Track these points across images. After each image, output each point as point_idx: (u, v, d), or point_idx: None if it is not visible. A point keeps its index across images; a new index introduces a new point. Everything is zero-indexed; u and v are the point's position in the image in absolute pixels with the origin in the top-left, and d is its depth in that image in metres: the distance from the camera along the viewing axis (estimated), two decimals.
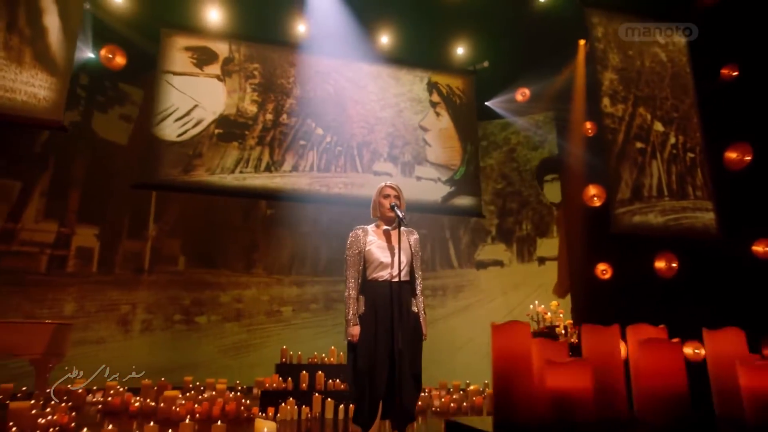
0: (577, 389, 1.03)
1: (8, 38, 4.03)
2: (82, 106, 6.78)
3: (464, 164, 6.84)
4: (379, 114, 6.79)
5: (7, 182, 6.22)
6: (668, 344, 1.17)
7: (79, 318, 6.28)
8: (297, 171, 6.32)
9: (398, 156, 6.76)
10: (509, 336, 1.17)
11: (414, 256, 3.01)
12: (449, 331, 7.48)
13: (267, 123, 6.37)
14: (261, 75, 6.43)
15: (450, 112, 6.98)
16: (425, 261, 7.91)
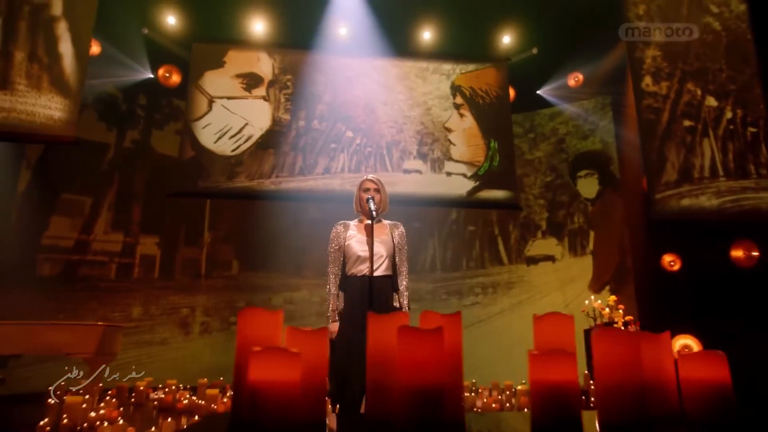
0: None
1: (29, 67, 4.55)
2: (142, 124, 7.47)
3: (488, 160, 6.83)
4: (407, 113, 6.96)
5: (80, 198, 6.98)
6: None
7: (144, 321, 6.90)
8: (329, 173, 6.60)
9: (427, 153, 6.87)
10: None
11: (398, 250, 2.99)
12: (501, 329, 7.38)
13: (300, 129, 6.73)
14: (293, 85, 6.85)
15: (473, 112, 7.02)
16: (474, 258, 7.87)
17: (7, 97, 4.40)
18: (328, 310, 2.84)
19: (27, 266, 6.54)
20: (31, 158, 6.74)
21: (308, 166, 6.51)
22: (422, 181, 6.70)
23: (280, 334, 1.11)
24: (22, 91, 4.46)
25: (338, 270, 2.95)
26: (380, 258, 2.92)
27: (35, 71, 4.52)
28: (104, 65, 7.06)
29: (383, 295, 2.83)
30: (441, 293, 7.73)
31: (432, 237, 8.04)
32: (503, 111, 7.14)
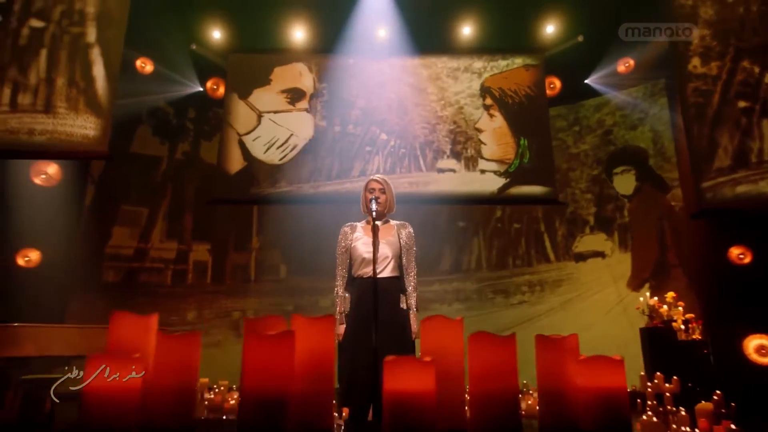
0: None
1: (69, 91, 4.93)
2: (191, 137, 7.90)
3: (518, 158, 6.78)
4: (440, 113, 7.01)
5: (138, 209, 7.49)
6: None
7: (199, 324, 7.27)
8: (364, 175, 6.73)
9: (461, 152, 6.89)
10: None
11: (405, 250, 2.97)
12: (550, 328, 7.20)
13: (335, 135, 6.93)
14: (328, 93, 7.08)
15: (503, 112, 6.98)
16: (520, 256, 7.75)
17: (50, 120, 4.81)
18: (336, 313, 2.84)
19: (94, 274, 7.09)
20: (95, 174, 7.30)
21: (345, 169, 6.70)
22: (456, 179, 6.74)
23: (153, 338, 1.13)
24: (63, 114, 4.86)
25: (345, 272, 2.95)
26: (386, 259, 2.90)
27: (73, 95, 4.91)
28: (156, 82, 7.50)
29: (389, 296, 2.79)
30: (487, 293, 7.65)
31: (477, 236, 7.98)
32: (536, 108, 7.06)
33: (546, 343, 1.36)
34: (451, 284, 7.77)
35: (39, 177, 6.63)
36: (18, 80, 4.83)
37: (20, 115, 4.79)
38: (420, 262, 7.71)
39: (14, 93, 4.82)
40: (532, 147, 6.77)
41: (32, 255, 6.55)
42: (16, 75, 4.83)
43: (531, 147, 6.77)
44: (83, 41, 5.08)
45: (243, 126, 6.79)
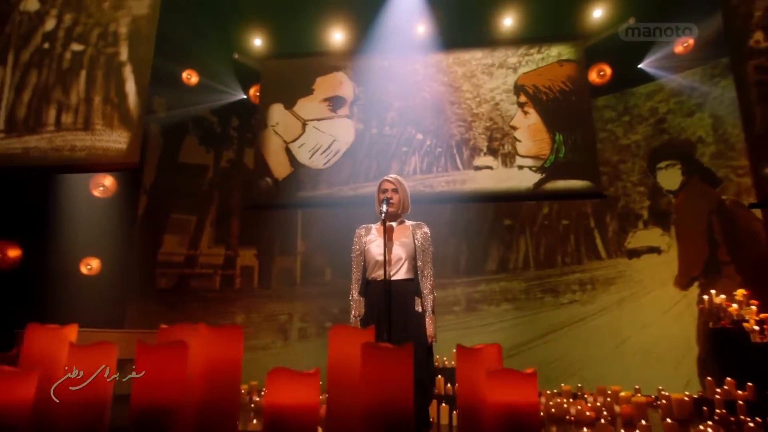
0: None
1: (104, 108, 5.24)
2: (235, 144, 8.16)
3: (553, 153, 6.64)
4: (475, 111, 6.96)
5: (187, 217, 7.84)
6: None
7: (247, 327, 7.47)
8: (402, 176, 6.66)
9: (498, 148, 6.80)
10: None
11: (420, 251, 2.89)
12: (602, 328, 6.98)
13: (372, 137, 7.02)
14: (365, 96, 7.19)
15: (537, 108, 6.86)
16: (569, 253, 7.54)
17: (88, 136, 5.14)
18: (350, 318, 2.84)
19: (148, 280, 7.47)
20: (147, 184, 7.69)
21: (382, 170, 6.73)
22: (494, 176, 6.66)
23: (65, 351, 1.11)
24: (99, 130, 5.17)
25: (360, 275, 2.93)
26: (399, 261, 2.85)
27: (108, 111, 5.21)
28: (202, 93, 7.85)
29: (403, 299, 2.74)
30: (536, 292, 7.50)
31: (523, 234, 7.83)
32: (572, 102, 6.88)
33: (464, 354, 1.32)
34: (498, 284, 7.67)
35: (97, 189, 7.09)
36: (61, 101, 5.20)
37: (63, 133, 5.15)
38: (466, 263, 7.88)
39: (58, 113, 5.19)
40: (567, 142, 6.62)
41: (93, 263, 7.01)
42: (60, 96, 5.20)
43: (566, 142, 6.62)
44: (117, 60, 5.41)
45: (289, 134, 7.05)
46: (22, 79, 5.11)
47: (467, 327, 7.55)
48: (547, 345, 7.08)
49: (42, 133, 5.02)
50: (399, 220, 3.03)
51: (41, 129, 5.02)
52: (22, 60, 5.20)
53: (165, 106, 7.92)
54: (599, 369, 6.68)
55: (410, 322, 2.71)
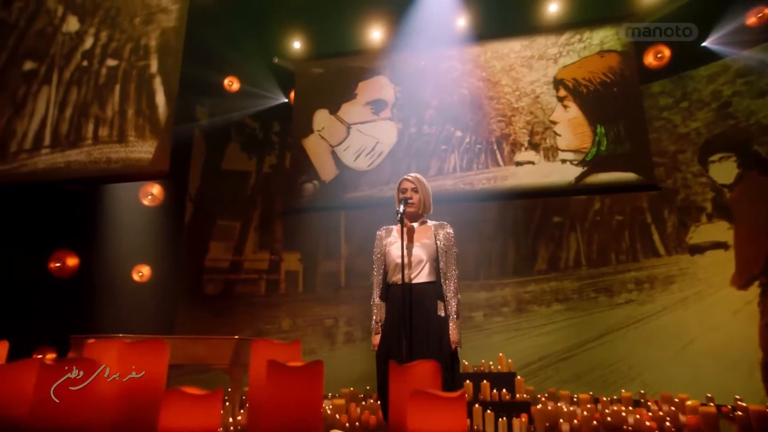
0: None
1: (137, 120, 5.44)
2: (277, 149, 8.30)
3: (594, 146, 6.44)
4: (515, 105, 6.83)
5: (232, 223, 8.03)
6: None
7: (293, 332, 7.61)
8: (441, 174, 6.72)
9: (539, 143, 6.62)
10: None
11: (443, 252, 2.78)
12: (663, 330, 6.62)
13: (411, 136, 7.00)
14: (403, 95, 7.20)
15: (577, 102, 6.67)
16: (624, 250, 7.21)
17: (122, 148, 5.37)
18: (372, 323, 2.79)
19: (196, 286, 7.70)
20: (192, 192, 7.94)
21: (422, 169, 6.70)
22: (536, 171, 6.50)
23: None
24: (133, 141, 5.38)
25: (381, 278, 2.84)
26: (420, 263, 2.74)
27: (140, 123, 5.42)
28: (243, 98, 8.02)
29: (424, 303, 2.65)
30: (588, 291, 7.22)
31: (573, 231, 7.58)
32: (616, 93, 6.64)
33: (396, 372, 1.19)
34: (548, 284, 7.46)
35: (146, 198, 7.38)
36: (98, 115, 5.47)
37: (100, 146, 5.40)
38: (514, 263, 7.68)
39: (96, 127, 5.45)
40: (609, 134, 6.40)
41: (144, 270, 7.29)
42: (97, 111, 5.47)
43: (608, 134, 6.40)
44: (148, 73, 5.61)
45: (334, 138, 7.18)
46: (65, 96, 5.41)
47: (517, 329, 7.38)
48: (602, 347, 6.81)
49: (81, 147, 5.30)
50: (420, 220, 2.92)
51: (81, 143, 5.30)
52: (64, 78, 5.52)
53: (207, 114, 8.16)
54: (662, 373, 6.34)
55: (432, 327, 2.62)
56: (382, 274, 2.85)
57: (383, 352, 2.67)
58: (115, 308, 6.57)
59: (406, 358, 2.47)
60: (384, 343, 2.69)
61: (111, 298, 6.61)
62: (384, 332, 2.73)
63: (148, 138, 5.20)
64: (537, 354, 7.04)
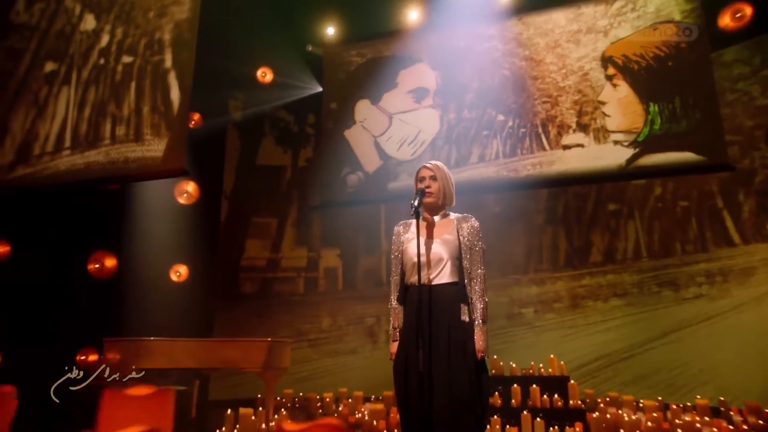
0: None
1: (152, 117, 5.31)
2: (312, 142, 8.16)
3: (647, 125, 5.95)
4: (561, 84, 6.40)
5: (268, 220, 7.94)
6: None
7: (333, 332, 7.49)
8: (483, 161, 6.40)
9: (588, 123, 6.15)
10: None
11: (467, 249, 2.52)
12: (741, 329, 6.04)
13: (451, 122, 6.69)
14: (442, 80, 6.94)
15: (628, 80, 6.21)
16: (691, 240, 6.64)
17: (140, 147, 5.27)
18: (389, 327, 2.61)
19: (233, 286, 7.67)
20: (227, 190, 7.90)
21: (462, 156, 6.48)
22: (585, 155, 6.08)
23: None
24: (149, 140, 5.27)
25: (399, 278, 2.63)
26: (440, 262, 2.49)
27: (156, 120, 5.30)
28: (277, 90, 7.86)
29: (446, 307, 2.42)
30: (650, 285, 6.75)
31: (632, 218, 7.11)
32: (671, 67, 6.07)
33: None
34: (604, 277, 7.05)
35: (182, 196, 7.36)
36: (115, 114, 5.41)
37: (118, 146, 5.34)
38: (567, 255, 7.24)
39: (113, 126, 5.40)
40: (664, 112, 5.93)
41: (182, 270, 7.29)
42: (114, 110, 5.43)
43: (662, 112, 5.94)
44: (162, 68, 5.51)
45: (377, 128, 7.08)
46: (83, 96, 5.42)
47: (571, 326, 7.01)
48: (668, 347, 6.32)
49: (100, 147, 5.29)
50: (442, 213, 2.66)
51: (99, 143, 5.30)
52: (83, 78, 5.53)
53: (241, 107, 8.06)
54: (740, 378, 5.75)
55: (454, 334, 2.40)
56: (400, 274, 2.62)
57: (401, 362, 2.46)
58: (155, 308, 6.53)
59: (425, 370, 2.29)
60: (402, 352, 2.48)
61: (150, 299, 6.60)
62: (402, 340, 2.51)
63: (164, 135, 5.16)
64: (594, 354, 6.67)
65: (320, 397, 6.13)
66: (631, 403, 5.01)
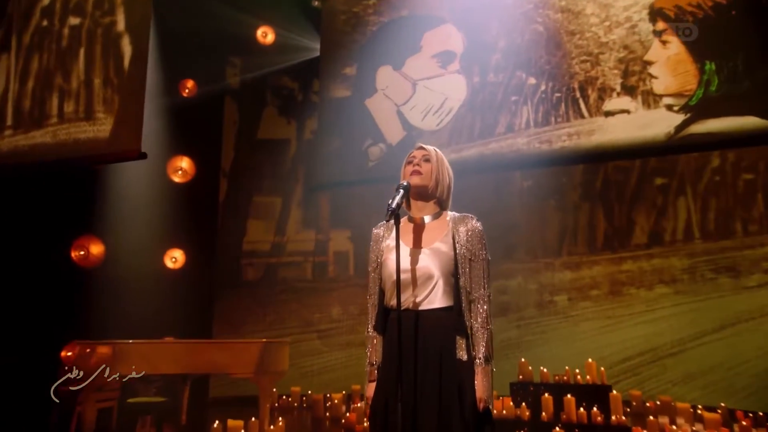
0: None
1: (105, 92, 4.85)
2: (318, 113, 7.52)
3: (702, 86, 5.39)
4: (603, 39, 5.82)
5: (271, 199, 7.51)
6: None
7: (344, 321, 7.09)
8: (512, 131, 5.89)
9: (636, 85, 5.55)
10: None
11: (465, 261, 1.98)
12: None
13: (475, 86, 6.17)
14: (466, 39, 6.42)
15: (680, 35, 5.65)
16: (756, 219, 6.03)
17: (91, 127, 4.88)
18: (366, 363, 2.07)
19: (234, 272, 7.29)
20: (225, 167, 7.48)
21: (487, 126, 5.98)
22: (631, 122, 5.54)
23: None
24: (101, 119, 4.81)
25: (377, 299, 2.11)
26: (429, 280, 1.95)
27: (109, 95, 4.84)
28: (279, 52, 7.41)
29: (436, 341, 1.90)
30: (704, 271, 6.21)
31: (683, 194, 6.52)
32: (735, 16, 5.45)
33: None
34: (649, 261, 6.52)
35: (176, 174, 6.94)
36: (63, 87, 4.99)
37: (67, 125, 4.94)
38: (606, 236, 6.69)
39: (60, 102, 5.00)
40: (722, 70, 5.39)
41: (178, 255, 6.90)
42: (61, 82, 5.00)
43: (721, 71, 5.40)
44: (114, 31, 5.06)
45: (400, 96, 6.70)
46: (26, 66, 4.99)
47: (611, 316, 6.52)
48: (725, 342, 5.79)
49: (46, 127, 4.91)
50: (433, 212, 2.10)
51: (45, 122, 4.90)
52: (24, 43, 5.13)
53: (239, 73, 7.64)
54: None
55: (448, 377, 1.88)
56: (378, 293, 2.09)
57: (380, 412, 1.91)
58: (147, 300, 6.24)
59: (405, 426, 1.77)
60: (381, 397, 1.93)
61: (143, 287, 6.29)
62: (380, 381, 1.97)
63: (117, 113, 4.72)
64: (636, 348, 6.22)
65: (328, 396, 5.79)
66: (688, 411, 4.44)
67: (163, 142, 6.55)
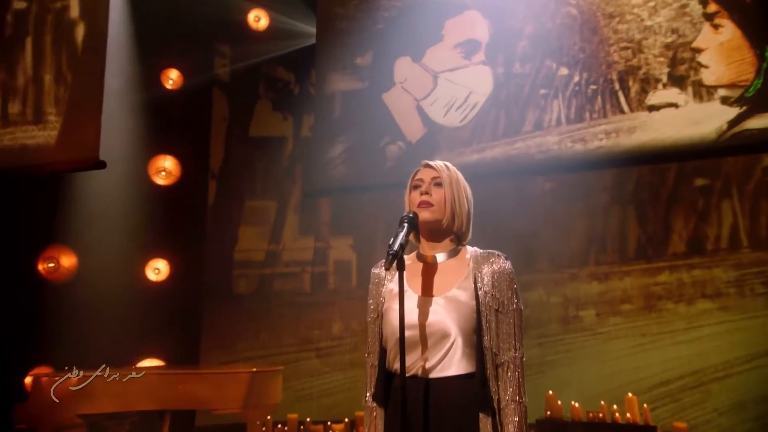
0: None
1: (57, 90, 4.51)
2: (316, 107, 7.27)
3: (761, 75, 5.10)
4: (647, 23, 5.52)
5: (264, 204, 7.23)
6: None
7: (345, 338, 6.76)
8: (541, 129, 5.66)
9: (686, 75, 5.23)
10: None
11: (491, 312, 1.65)
12: None
13: (499, 78, 5.93)
14: (489, 31, 6.21)
15: (735, 17, 5.37)
16: None
17: (41, 132, 4.50)
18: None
19: (224, 284, 7.01)
20: (215, 168, 7.21)
21: (513, 123, 5.75)
22: (680, 118, 5.25)
23: None
24: (53, 122, 4.52)
25: (377, 358, 1.82)
26: (442, 339, 1.63)
27: (62, 93, 4.55)
28: (273, 39, 7.19)
29: (452, 418, 1.60)
30: (753, 284, 5.85)
31: (728, 197, 6.15)
32: None
33: None
34: (689, 272, 6.14)
35: (159, 175, 6.83)
36: (7, 84, 4.66)
37: (12, 129, 4.66)
38: (638, 244, 6.31)
39: (4, 101, 4.67)
40: None
41: (161, 266, 6.71)
42: (4, 77, 4.65)
43: None
44: (67, 18, 4.78)
45: (420, 90, 6.49)
46: None
47: (645, 334, 6.13)
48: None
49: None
50: (449, 248, 1.77)
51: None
52: None
53: (228, 63, 7.40)
54: None
55: None
56: (379, 352, 1.80)
57: None
58: (128, 314, 5.99)
59: None
60: None
61: (122, 302, 6.01)
62: None
63: (71, 114, 4.64)
64: (675, 371, 5.84)
65: (329, 426, 5.49)
66: None
67: (144, 140, 6.30)
